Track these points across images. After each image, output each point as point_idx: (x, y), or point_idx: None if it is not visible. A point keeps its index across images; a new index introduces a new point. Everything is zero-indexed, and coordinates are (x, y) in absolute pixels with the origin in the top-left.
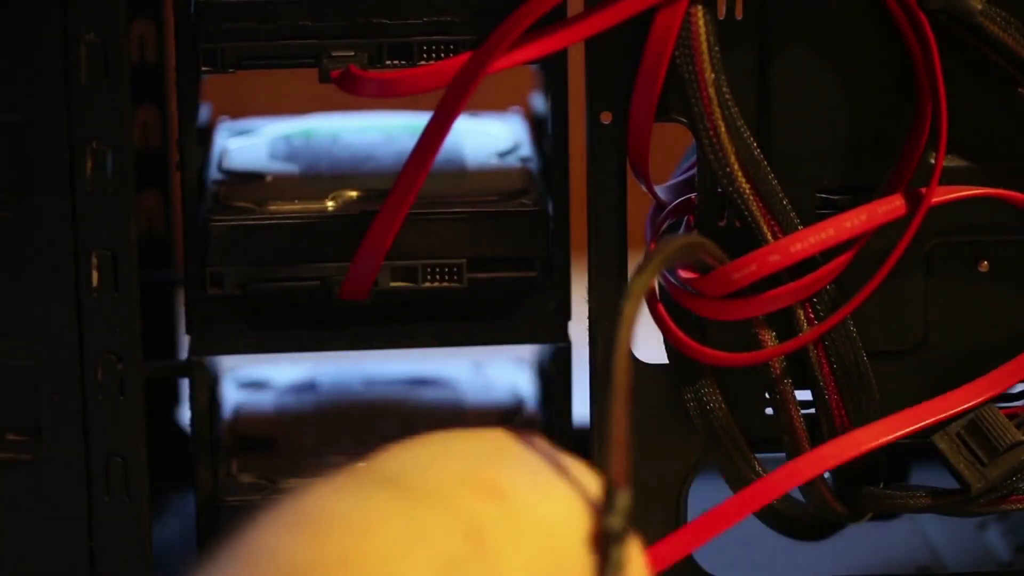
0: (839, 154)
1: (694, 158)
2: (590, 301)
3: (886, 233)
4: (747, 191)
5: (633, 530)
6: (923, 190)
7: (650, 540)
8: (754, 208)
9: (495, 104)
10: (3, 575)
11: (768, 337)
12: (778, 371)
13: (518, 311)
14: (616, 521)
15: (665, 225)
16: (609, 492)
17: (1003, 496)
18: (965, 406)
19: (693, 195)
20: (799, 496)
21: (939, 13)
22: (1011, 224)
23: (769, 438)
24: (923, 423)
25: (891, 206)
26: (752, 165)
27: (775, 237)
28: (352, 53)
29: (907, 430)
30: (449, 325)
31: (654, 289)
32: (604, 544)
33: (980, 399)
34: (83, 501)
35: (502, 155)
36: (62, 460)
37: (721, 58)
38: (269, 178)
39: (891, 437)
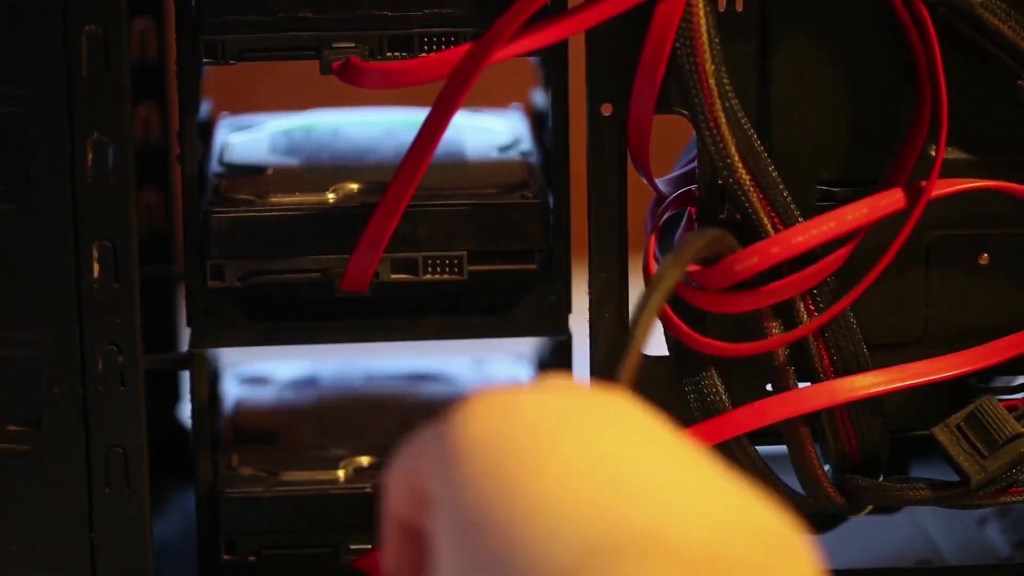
0: (839, 146)
1: (695, 151)
2: (590, 294)
3: (886, 225)
4: (747, 183)
5: None
6: (923, 183)
7: None
8: (754, 200)
9: (496, 101)
10: (4, 565)
11: (768, 329)
12: (779, 363)
13: (518, 304)
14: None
15: (665, 217)
16: None
17: (1003, 488)
18: (951, 372)
19: (693, 187)
20: (800, 489)
21: (939, 5)
22: (1011, 216)
23: (769, 431)
24: (908, 382)
25: (892, 199)
26: (752, 157)
27: (775, 229)
28: (353, 45)
29: (891, 386)
30: (449, 317)
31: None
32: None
33: (968, 368)
34: (83, 492)
35: (503, 149)
36: (62, 451)
37: (721, 50)
38: (270, 171)
39: (877, 390)
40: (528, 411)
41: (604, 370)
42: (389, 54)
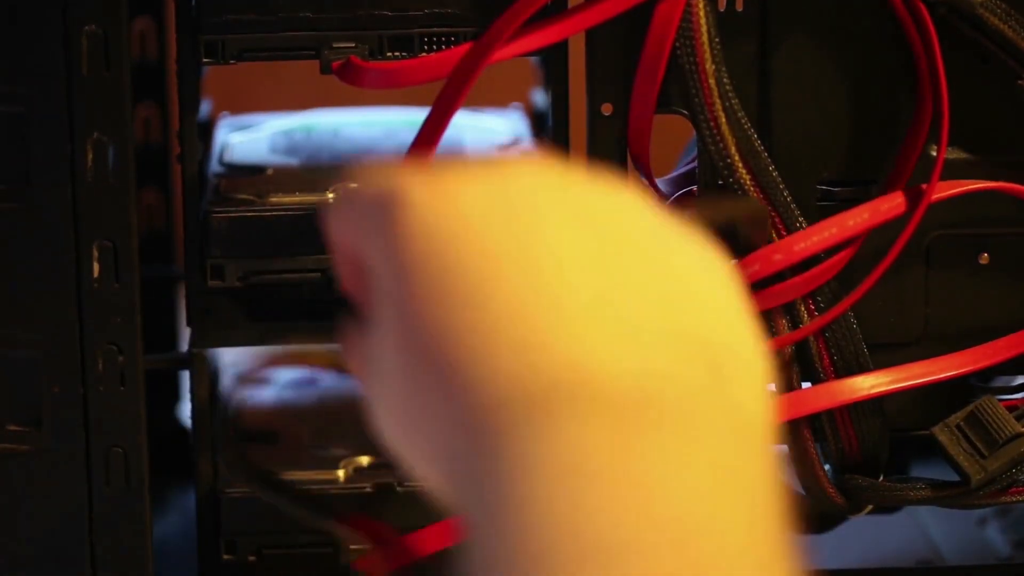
0: (839, 145)
1: (695, 151)
2: None
3: (887, 227)
4: (747, 182)
5: None
6: (924, 187)
7: None
8: None
9: (496, 101)
10: (4, 565)
11: (769, 329)
12: (779, 363)
13: None
14: None
15: None
16: None
17: (1003, 488)
18: (952, 372)
19: (695, 188)
20: (799, 489)
21: (939, 5)
22: (1011, 216)
23: None
24: (909, 382)
25: (893, 203)
26: (752, 156)
27: (775, 228)
28: (353, 45)
29: (891, 387)
30: None
31: None
32: None
33: (968, 368)
34: (83, 491)
35: (503, 149)
36: (63, 451)
37: (721, 50)
38: (270, 171)
39: (878, 391)
40: (473, 205)
41: None
42: (389, 54)
